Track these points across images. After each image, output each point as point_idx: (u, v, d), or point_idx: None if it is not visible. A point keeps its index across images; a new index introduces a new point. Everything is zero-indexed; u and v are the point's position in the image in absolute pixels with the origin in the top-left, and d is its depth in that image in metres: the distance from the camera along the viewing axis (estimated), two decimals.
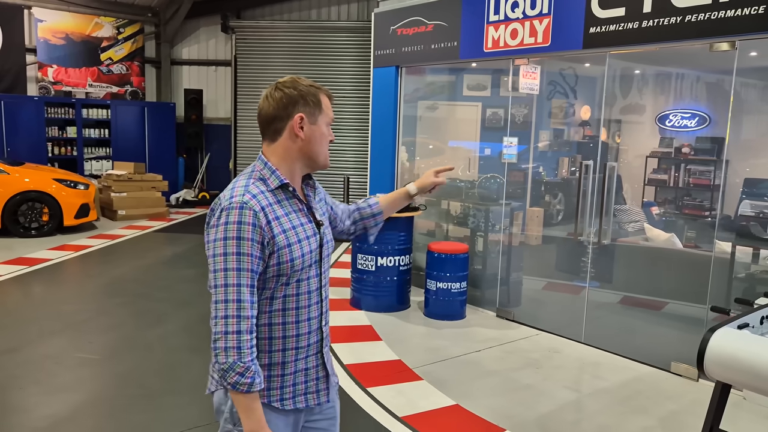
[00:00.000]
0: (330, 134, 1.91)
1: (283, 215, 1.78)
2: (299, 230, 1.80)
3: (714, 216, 7.21)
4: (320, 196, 2.01)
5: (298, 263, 1.78)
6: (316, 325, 1.88)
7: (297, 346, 1.84)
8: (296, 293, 1.81)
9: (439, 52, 6.60)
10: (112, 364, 4.60)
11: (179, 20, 13.63)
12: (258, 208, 1.71)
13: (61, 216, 9.01)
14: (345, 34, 13.42)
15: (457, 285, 5.95)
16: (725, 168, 7.32)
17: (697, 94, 7.55)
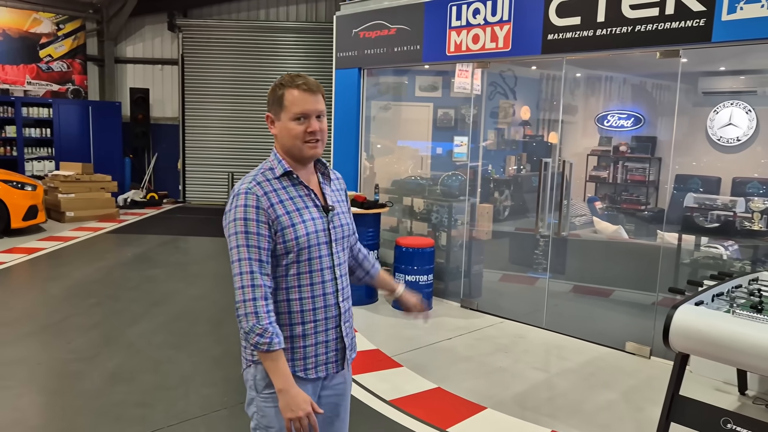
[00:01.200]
0: (302, 127, 1.99)
1: (287, 199, 2.00)
2: (303, 212, 2.01)
3: (650, 209, 7.84)
4: (337, 188, 2.22)
5: (303, 241, 1.98)
6: (332, 300, 2.07)
7: (315, 319, 2.04)
8: (309, 270, 2.02)
9: (402, 55, 6.87)
10: (100, 362, 4.62)
11: (124, 17, 13.37)
12: (261, 192, 1.96)
13: (8, 218, 8.75)
14: (292, 35, 13.53)
15: (425, 278, 6.24)
16: (659, 165, 7.94)
17: (633, 97, 8.12)
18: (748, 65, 6.47)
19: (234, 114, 13.60)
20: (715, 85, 6.84)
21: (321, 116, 2.06)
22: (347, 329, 2.17)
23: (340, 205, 2.17)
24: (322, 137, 2.07)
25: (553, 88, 8.39)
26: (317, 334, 2.06)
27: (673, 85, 5.07)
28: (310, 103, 2.00)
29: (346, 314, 2.15)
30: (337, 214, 2.12)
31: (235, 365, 4.64)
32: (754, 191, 6.20)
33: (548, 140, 8.59)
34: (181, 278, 7.14)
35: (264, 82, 13.55)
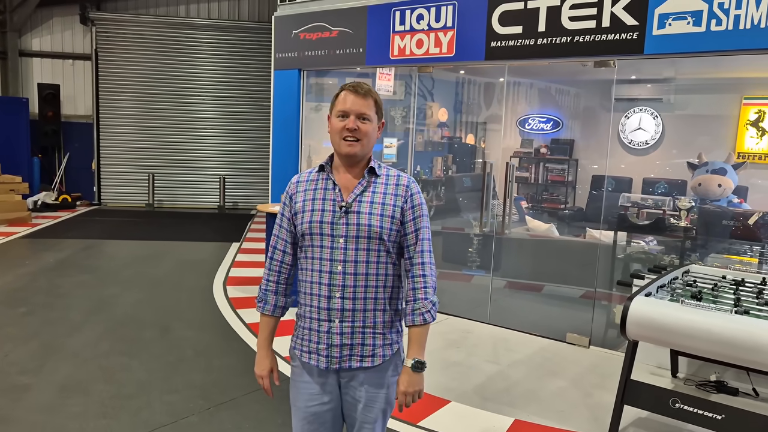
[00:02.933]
0: (343, 124, 2.16)
1: (311, 189, 2.23)
2: (317, 202, 2.20)
3: (569, 208, 8.36)
4: (387, 192, 2.21)
5: (306, 227, 2.18)
6: (325, 292, 2.16)
7: (310, 304, 2.21)
8: (312, 257, 2.19)
9: (344, 57, 6.93)
10: (46, 373, 4.38)
11: (30, 8, 12.59)
12: (295, 181, 2.30)
13: None
14: (213, 33, 13.26)
15: None
16: (576, 166, 8.46)
17: (552, 101, 8.61)
18: (655, 75, 7.06)
19: (152, 112, 13.14)
20: (627, 92, 7.40)
21: (365, 118, 2.18)
22: (349, 330, 2.20)
23: (373, 208, 2.19)
24: (362, 137, 2.17)
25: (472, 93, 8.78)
26: (311, 320, 2.22)
27: (587, 92, 5.45)
28: (354, 103, 2.16)
29: (346, 314, 2.19)
30: (358, 214, 2.17)
31: (194, 371, 4.55)
32: (663, 191, 6.78)
33: (470, 142, 8.96)
34: (115, 283, 6.84)
35: (183, 80, 13.19)
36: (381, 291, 2.23)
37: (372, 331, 2.23)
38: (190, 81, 13.25)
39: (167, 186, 13.35)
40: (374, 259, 2.20)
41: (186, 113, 13.27)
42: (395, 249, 2.26)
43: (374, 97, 2.22)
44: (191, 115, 13.27)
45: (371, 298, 2.21)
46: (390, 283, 2.25)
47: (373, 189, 2.23)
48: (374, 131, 2.23)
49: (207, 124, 13.38)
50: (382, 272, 2.22)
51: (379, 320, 2.23)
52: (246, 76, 13.25)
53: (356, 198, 2.20)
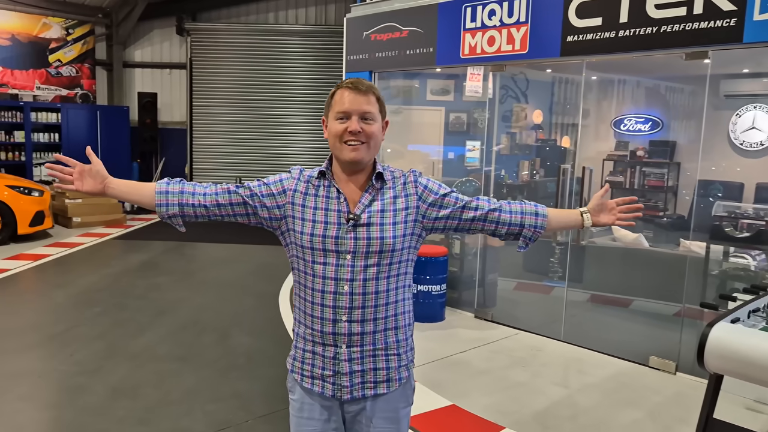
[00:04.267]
0: (344, 127, 1.92)
1: (311, 195, 1.96)
2: (318, 212, 1.94)
3: (668, 216, 7.60)
4: (397, 194, 1.98)
5: (306, 240, 1.92)
6: (329, 315, 1.92)
7: (312, 327, 1.97)
8: (312, 274, 1.94)
9: (414, 57, 6.69)
10: (101, 376, 4.46)
11: (132, 22, 13.29)
12: (296, 176, 2.02)
13: (15, 224, 8.64)
14: (302, 38, 13.41)
15: (438, 287, 6.04)
16: (678, 170, 7.69)
17: (651, 100, 7.91)
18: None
19: (242, 118, 13.47)
20: (738, 87, 6.62)
21: (368, 118, 1.93)
22: (358, 355, 1.95)
23: (384, 217, 1.94)
24: (368, 140, 1.93)
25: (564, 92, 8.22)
26: (313, 343, 1.98)
27: (694, 88, 4.86)
28: (354, 102, 1.92)
29: (355, 338, 1.94)
30: (368, 226, 1.92)
31: (242, 379, 4.47)
32: None
33: (562, 144, 8.41)
34: (187, 286, 6.97)
35: (272, 86, 13.42)
36: (392, 307, 1.98)
37: (385, 353, 1.98)
38: (277, 86, 13.47)
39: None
40: (384, 274, 1.95)
41: (272, 117, 13.50)
42: (406, 258, 2.00)
43: (376, 94, 1.98)
44: (277, 119, 13.49)
45: (382, 317, 1.96)
46: (402, 296, 2.01)
47: (382, 196, 1.97)
48: (380, 132, 1.97)
49: (293, 128, 13.54)
50: (393, 287, 1.97)
51: (391, 339, 1.99)
52: (332, 80, 13.31)
53: (365, 209, 1.95)
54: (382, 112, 2.00)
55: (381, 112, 1.99)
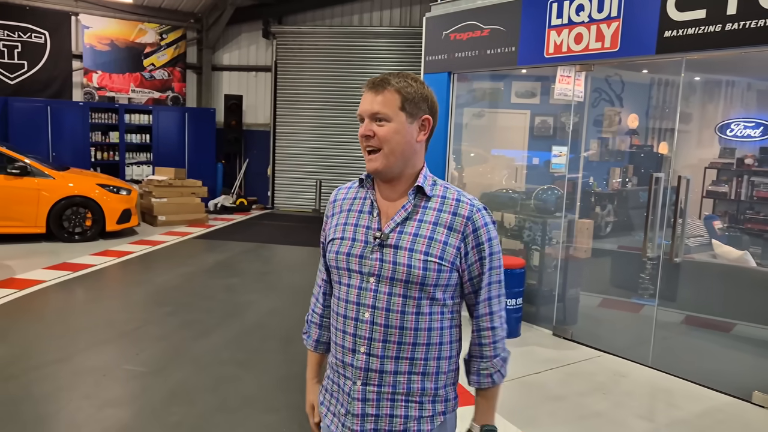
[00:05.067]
0: (362, 129, 1.70)
1: (346, 211, 1.77)
2: (348, 228, 1.73)
3: None
4: (439, 221, 1.67)
5: (332, 258, 1.74)
6: (349, 344, 1.70)
7: (334, 353, 1.78)
8: (338, 296, 1.76)
9: (495, 57, 6.35)
10: (162, 377, 4.43)
11: (221, 26, 13.63)
12: (332, 199, 1.86)
13: (103, 221, 8.98)
14: (386, 40, 13.27)
15: (513, 301, 5.68)
16: None
17: (763, 103, 7.17)
18: None
19: (324, 121, 13.50)
20: None
21: (380, 119, 1.66)
22: (374, 396, 1.68)
23: (416, 243, 1.65)
24: (381, 146, 1.66)
25: (662, 94, 7.58)
26: (336, 373, 1.78)
27: None
28: (365, 101, 1.70)
29: (372, 375, 1.67)
30: (396, 249, 1.65)
31: (301, 389, 4.30)
32: None
33: (659, 151, 7.76)
34: (258, 289, 6.95)
35: (355, 89, 13.36)
36: (421, 350, 1.68)
37: (404, 400, 1.69)
38: (360, 89, 13.40)
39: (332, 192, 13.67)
40: (412, 309, 1.66)
41: (355, 121, 13.43)
42: (446, 296, 1.69)
43: (397, 87, 1.65)
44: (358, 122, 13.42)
45: (406, 358, 1.67)
46: (435, 340, 1.70)
47: (420, 216, 1.68)
48: (400, 134, 1.65)
49: None
50: (423, 326, 1.67)
51: (415, 386, 1.69)
52: None
53: (396, 227, 1.67)
54: (411, 110, 1.67)
55: (407, 109, 1.66)
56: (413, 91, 1.67)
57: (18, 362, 4.57)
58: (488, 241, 1.69)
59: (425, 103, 1.70)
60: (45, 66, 11.98)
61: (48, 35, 11.99)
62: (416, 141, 1.70)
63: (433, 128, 1.75)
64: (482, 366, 1.74)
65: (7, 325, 5.38)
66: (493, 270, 1.71)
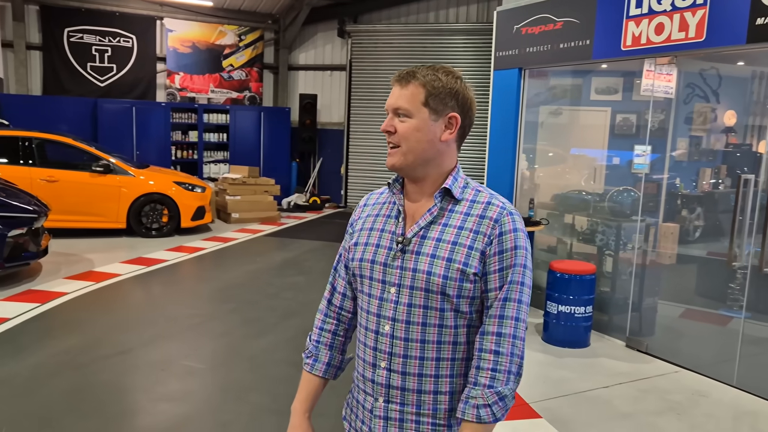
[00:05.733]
0: (384, 123, 1.58)
1: (373, 216, 1.66)
2: (373, 234, 1.62)
3: None
4: (462, 224, 1.53)
5: (356, 266, 1.63)
6: (371, 359, 1.58)
7: (357, 368, 1.66)
8: (361, 307, 1.65)
9: (568, 52, 6.03)
10: (217, 375, 4.47)
11: (297, 26, 13.81)
12: (362, 203, 1.74)
13: (179, 218, 9.26)
14: (463, 37, 13.02)
15: (582, 309, 5.35)
16: None
17: None
18: None
19: None
20: None
21: (400, 114, 1.53)
22: (397, 415, 1.55)
23: (438, 248, 1.51)
24: (401, 143, 1.53)
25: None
26: (358, 388, 1.66)
27: None
28: (391, 95, 1.58)
29: (394, 393, 1.55)
30: (417, 255, 1.52)
31: None
32: None
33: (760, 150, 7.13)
34: (321, 288, 6.90)
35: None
36: (446, 367, 1.54)
37: (431, 422, 1.55)
38: None
39: None
40: (434, 321, 1.52)
41: None
42: (473, 309, 1.54)
43: (423, 81, 1.52)
44: None
45: (430, 375, 1.53)
46: (462, 355, 1.55)
47: (446, 221, 1.54)
48: (421, 131, 1.52)
49: None
50: (447, 340, 1.53)
51: (442, 407, 1.54)
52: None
53: (419, 232, 1.54)
54: (435, 106, 1.53)
55: (429, 104, 1.52)
56: (440, 85, 1.53)
57: (87, 352, 4.74)
58: (513, 249, 1.51)
59: (453, 98, 1.54)
60: (132, 69, 12.54)
61: (135, 39, 12.54)
62: (440, 140, 1.55)
63: (464, 127, 1.59)
64: (471, 394, 1.48)
65: (82, 316, 5.61)
66: (513, 285, 1.51)
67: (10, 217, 6.12)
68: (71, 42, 12.02)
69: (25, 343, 4.88)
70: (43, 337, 5.05)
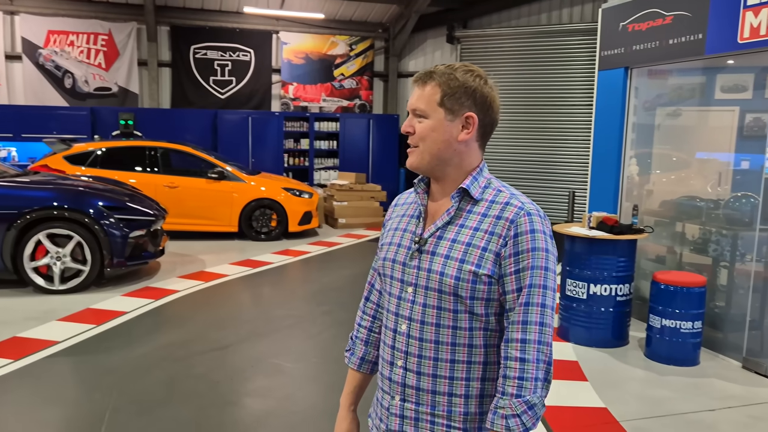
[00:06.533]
0: (404, 124, 1.59)
1: (401, 215, 1.67)
2: (397, 234, 1.63)
3: None
4: (481, 227, 1.50)
5: (381, 266, 1.66)
6: (389, 357, 1.60)
7: (379, 365, 1.67)
8: (384, 306, 1.68)
9: (677, 48, 5.62)
10: (304, 374, 4.60)
11: (406, 34, 13.96)
12: (393, 203, 1.76)
13: (287, 222, 9.65)
14: (577, 38, 12.51)
15: (689, 324, 4.94)
16: None
17: None
18: None
19: (511, 125, 13.11)
20: None
21: (418, 115, 1.54)
22: (412, 414, 1.55)
23: (453, 249, 1.50)
24: (418, 143, 1.54)
25: None
26: (379, 387, 1.67)
27: None
28: (411, 96, 1.60)
29: (409, 392, 1.55)
30: (432, 256, 1.52)
31: None
32: None
33: None
34: None
35: (546, 91, 12.78)
36: (461, 369, 1.51)
37: (445, 425, 1.53)
38: (551, 91, 12.74)
39: None
40: (448, 322, 1.50)
41: (545, 125, 12.81)
42: (489, 311, 1.50)
43: (439, 81, 1.51)
44: (551, 126, 12.74)
45: (444, 377, 1.52)
46: (479, 359, 1.52)
47: (463, 221, 1.52)
48: (436, 131, 1.52)
49: (568, 136, 12.60)
50: (461, 342, 1.51)
51: (457, 410, 1.52)
52: None
53: (436, 232, 1.54)
54: (451, 106, 1.51)
55: (444, 104, 1.51)
56: (456, 84, 1.52)
57: (187, 347, 5.06)
58: (530, 251, 1.46)
59: (470, 98, 1.53)
60: (249, 81, 13.29)
61: (253, 53, 13.28)
62: (457, 140, 1.53)
63: (484, 126, 1.57)
64: (499, 404, 1.45)
65: (187, 314, 6.00)
66: (533, 288, 1.46)
67: (132, 220, 6.68)
68: (196, 58, 12.95)
69: (137, 335, 5.30)
70: (152, 330, 5.46)
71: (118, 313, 5.81)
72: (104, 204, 6.52)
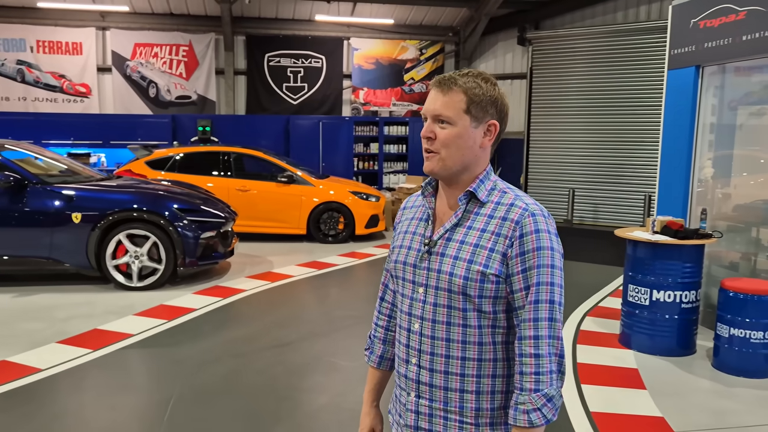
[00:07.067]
0: (424, 129, 1.62)
1: (410, 218, 1.73)
2: (407, 237, 1.69)
3: None
4: (489, 228, 1.56)
5: (392, 268, 1.73)
6: (404, 355, 1.67)
7: (396, 363, 1.74)
8: (397, 306, 1.74)
9: (749, 45, 5.35)
10: (357, 373, 4.70)
11: (477, 37, 13.93)
12: (402, 206, 1.82)
13: (354, 225, 9.84)
14: (650, 36, 12.07)
15: (761, 334, 4.69)
16: None
17: None
18: None
19: (581, 127, 12.82)
20: None
21: (442, 121, 1.58)
22: (426, 410, 1.62)
23: (461, 250, 1.56)
24: (440, 150, 1.59)
25: None
26: (396, 383, 1.74)
27: None
28: (430, 100, 1.62)
29: (423, 388, 1.62)
30: (441, 257, 1.59)
31: None
32: None
33: None
34: None
35: (620, 92, 12.40)
36: (472, 367, 1.58)
37: (458, 420, 1.60)
38: (624, 91, 12.36)
39: (588, 202, 12.86)
40: (458, 321, 1.57)
41: (616, 126, 12.43)
42: (497, 309, 1.57)
43: (464, 88, 1.55)
44: (622, 127, 12.35)
45: (455, 374, 1.59)
46: (489, 356, 1.58)
47: (471, 223, 1.59)
48: (462, 138, 1.57)
49: (639, 137, 12.20)
50: (472, 341, 1.57)
51: (469, 406, 1.59)
52: None
53: (444, 234, 1.61)
54: (476, 113, 1.56)
55: (471, 112, 1.56)
56: (481, 92, 1.57)
57: (248, 343, 5.28)
58: (536, 250, 1.51)
59: (493, 106, 1.59)
60: (321, 86, 13.64)
61: (324, 59, 13.62)
62: (479, 147, 1.61)
63: (500, 134, 1.63)
64: (519, 400, 1.52)
65: (252, 312, 6.26)
66: (541, 286, 1.52)
67: (204, 222, 7.03)
68: (270, 66, 13.43)
69: (204, 331, 5.58)
70: (218, 327, 5.73)
71: (188, 310, 6.14)
72: (179, 207, 6.90)
